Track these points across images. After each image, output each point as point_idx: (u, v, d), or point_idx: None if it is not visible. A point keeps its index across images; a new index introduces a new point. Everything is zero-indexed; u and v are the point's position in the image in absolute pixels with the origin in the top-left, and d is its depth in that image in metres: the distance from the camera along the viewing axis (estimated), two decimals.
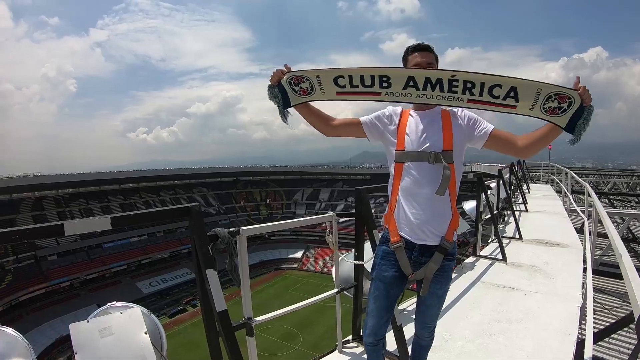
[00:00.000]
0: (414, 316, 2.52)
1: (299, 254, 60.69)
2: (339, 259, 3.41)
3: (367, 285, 3.41)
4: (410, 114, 2.34)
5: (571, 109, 1.91)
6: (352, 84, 2.25)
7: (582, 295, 4.32)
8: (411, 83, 2.12)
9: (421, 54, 2.26)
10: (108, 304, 2.20)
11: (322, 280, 47.39)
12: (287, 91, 2.36)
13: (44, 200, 51.61)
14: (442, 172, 2.14)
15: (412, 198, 2.25)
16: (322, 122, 2.45)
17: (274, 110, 2.39)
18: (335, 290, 3.35)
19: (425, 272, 2.26)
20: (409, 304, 4.27)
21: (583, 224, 9.02)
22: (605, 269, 8.38)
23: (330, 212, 3.31)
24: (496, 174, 8.79)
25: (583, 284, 4.66)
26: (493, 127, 2.21)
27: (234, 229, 2.42)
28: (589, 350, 2.58)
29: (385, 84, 2.18)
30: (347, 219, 3.60)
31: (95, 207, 55.38)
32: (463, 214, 7.23)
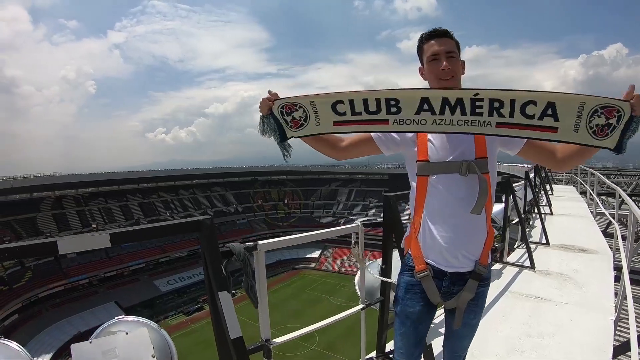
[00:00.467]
0: (442, 337, 2.21)
1: (316, 254, 60.48)
2: (366, 264, 3.09)
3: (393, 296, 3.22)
4: None
5: (620, 123, 1.52)
6: (353, 111, 1.80)
7: (615, 306, 4.12)
8: (425, 106, 1.68)
9: (438, 40, 1.86)
10: (116, 317, 2.02)
11: (339, 280, 47.28)
12: (280, 122, 1.94)
13: (64, 199, 52.40)
14: (478, 184, 1.79)
15: (441, 218, 1.90)
16: (330, 147, 2.05)
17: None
18: (361, 306, 3.07)
19: (458, 303, 1.94)
20: (438, 317, 4.05)
21: (609, 227, 8.74)
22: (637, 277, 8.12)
23: (356, 221, 3.04)
24: (517, 174, 8.55)
25: (615, 293, 4.44)
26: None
27: (250, 243, 2.13)
28: None
29: (393, 109, 1.74)
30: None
31: (114, 206, 56.15)
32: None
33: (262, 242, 2.23)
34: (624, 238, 5.15)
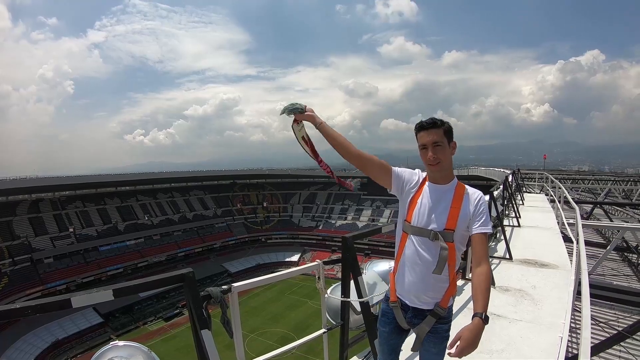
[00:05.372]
0: None
1: (295, 257, 61.15)
2: (326, 295, 3.53)
3: (353, 317, 3.52)
4: (426, 185, 2.42)
5: None
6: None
7: (566, 324, 4.36)
8: None
9: (427, 132, 2.30)
10: (111, 343, 2.29)
11: None
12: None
13: (41, 203, 51.61)
14: (440, 251, 2.27)
15: (412, 267, 2.39)
16: (344, 149, 2.42)
17: (270, 112, 2.47)
18: (323, 330, 3.51)
19: (418, 332, 2.44)
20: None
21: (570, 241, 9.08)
22: (595, 291, 8.48)
23: (317, 260, 3.44)
24: (493, 177, 8.76)
25: (575, 309, 4.70)
26: (487, 231, 2.29)
27: (225, 286, 2.54)
28: None
29: None
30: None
31: (92, 209, 55.46)
32: None
33: (235, 284, 2.67)
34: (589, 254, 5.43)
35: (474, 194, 2.36)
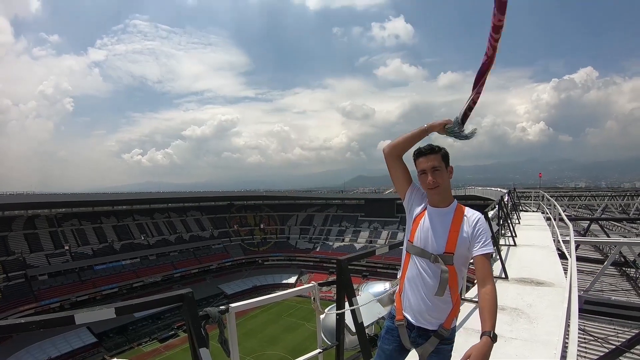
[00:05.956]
0: None
1: (292, 279, 60.59)
2: (322, 316, 3.55)
3: (348, 338, 3.53)
4: (427, 208, 2.52)
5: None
6: None
7: (559, 340, 4.35)
8: None
9: (425, 158, 2.44)
10: None
11: None
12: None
13: (37, 219, 51.45)
14: (440, 274, 2.35)
15: (415, 288, 2.47)
16: (396, 144, 2.57)
17: (269, 134, 2.51)
18: (318, 350, 3.51)
19: (421, 352, 2.50)
20: None
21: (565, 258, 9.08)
22: (588, 306, 8.46)
23: (313, 282, 3.46)
24: (490, 197, 8.82)
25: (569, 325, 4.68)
26: (488, 253, 2.32)
27: (223, 307, 2.59)
28: None
29: None
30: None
31: (87, 227, 55.23)
32: None
33: (232, 304, 2.71)
34: (580, 270, 5.44)
35: (472, 216, 2.43)
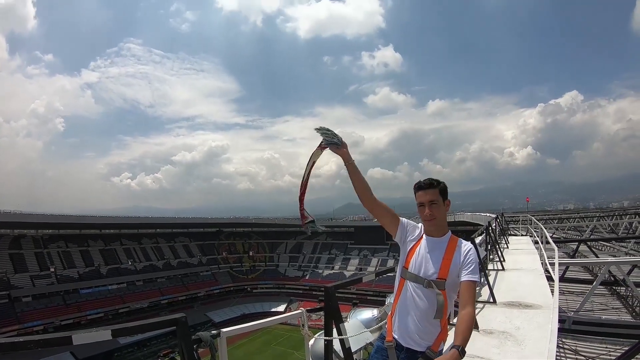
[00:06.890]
0: None
1: (281, 307, 59.66)
2: (310, 342, 3.67)
3: None
4: (423, 237, 2.68)
5: None
6: None
7: None
8: None
9: (424, 192, 2.61)
10: None
11: None
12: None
13: (22, 239, 50.84)
14: (435, 298, 2.48)
15: (407, 311, 2.60)
16: (365, 187, 2.68)
17: (258, 161, 2.62)
18: None
19: None
20: None
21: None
22: (579, 327, 8.41)
23: (301, 309, 3.63)
24: (479, 222, 8.82)
25: (559, 346, 4.65)
26: (473, 280, 2.45)
27: (215, 331, 2.70)
28: None
29: None
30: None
31: (74, 250, 54.63)
32: None
33: (224, 329, 2.84)
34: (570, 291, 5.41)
35: (464, 245, 2.59)
